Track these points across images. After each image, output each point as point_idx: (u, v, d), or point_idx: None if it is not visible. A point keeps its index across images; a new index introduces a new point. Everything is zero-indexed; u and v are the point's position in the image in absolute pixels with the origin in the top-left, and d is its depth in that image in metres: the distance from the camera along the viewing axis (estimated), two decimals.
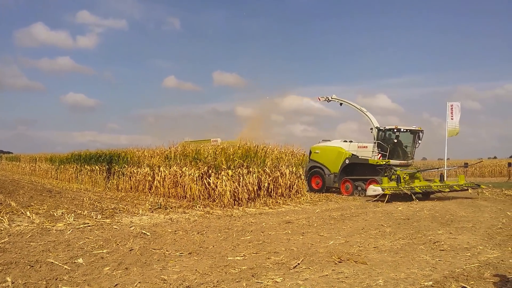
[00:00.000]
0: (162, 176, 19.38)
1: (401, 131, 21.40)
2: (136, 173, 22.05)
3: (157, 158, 20.96)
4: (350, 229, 10.80)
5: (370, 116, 23.26)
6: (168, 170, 19.13)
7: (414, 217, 13.04)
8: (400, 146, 21.65)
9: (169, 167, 19.16)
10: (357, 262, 7.12)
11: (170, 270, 6.63)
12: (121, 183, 23.25)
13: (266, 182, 17.52)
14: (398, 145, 21.51)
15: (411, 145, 21.83)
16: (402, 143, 21.69)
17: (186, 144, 21.72)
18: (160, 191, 19.24)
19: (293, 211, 14.76)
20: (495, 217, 12.78)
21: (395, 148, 21.40)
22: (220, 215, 13.47)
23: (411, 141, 21.79)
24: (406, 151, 21.82)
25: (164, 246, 8.51)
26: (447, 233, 10.10)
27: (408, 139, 21.81)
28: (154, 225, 11.15)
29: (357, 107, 24.22)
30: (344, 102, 25.09)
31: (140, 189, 21.20)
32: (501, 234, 9.92)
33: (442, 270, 6.66)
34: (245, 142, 18.92)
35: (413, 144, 21.81)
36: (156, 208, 14.58)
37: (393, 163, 20.65)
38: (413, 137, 21.68)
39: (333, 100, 25.48)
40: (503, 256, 7.68)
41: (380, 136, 21.67)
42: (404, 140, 21.71)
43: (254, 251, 8.09)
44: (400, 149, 21.67)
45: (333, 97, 25.43)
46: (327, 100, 25.71)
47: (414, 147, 21.89)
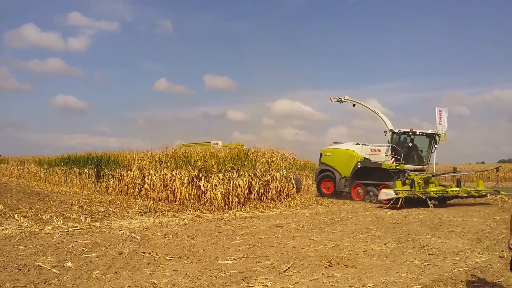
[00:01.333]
0: (152, 180, 19.31)
1: (417, 135, 20.16)
2: (126, 176, 21.92)
3: (147, 161, 20.87)
4: (340, 233, 10.85)
5: (384, 118, 22.01)
6: (158, 173, 19.06)
7: (403, 221, 13.13)
8: (415, 150, 20.69)
9: (160, 170, 19.10)
10: (347, 266, 7.15)
11: (160, 274, 6.60)
12: (111, 186, 23.10)
13: (256, 185, 17.52)
14: (413, 149, 20.51)
15: (427, 150, 20.74)
16: (417, 147, 20.73)
17: (183, 147, 21.62)
18: (150, 194, 19.15)
19: (284, 215, 14.78)
20: (483, 222, 12.92)
21: (409, 152, 20.33)
22: (211, 218, 13.45)
23: (427, 145, 20.69)
24: (421, 155, 20.86)
25: (154, 249, 8.47)
26: (436, 237, 10.19)
27: (424, 143, 20.73)
28: (144, 229, 11.10)
29: (371, 108, 23.12)
30: (357, 103, 23.98)
31: (130, 192, 21.08)
32: (489, 239, 10.03)
33: (431, 274, 6.72)
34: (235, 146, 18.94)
35: (429, 149, 20.73)
36: (146, 212, 14.51)
37: (407, 167, 19.67)
38: (429, 141, 20.59)
39: (346, 101, 24.33)
40: (491, 260, 7.77)
41: (394, 140, 20.57)
42: (419, 144, 20.70)
43: (244, 255, 8.09)
44: (415, 154, 20.69)
45: (346, 98, 24.26)
46: (340, 101, 24.53)
47: (430, 152, 20.82)
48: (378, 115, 22.35)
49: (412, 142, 20.06)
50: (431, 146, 20.58)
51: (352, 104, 24.05)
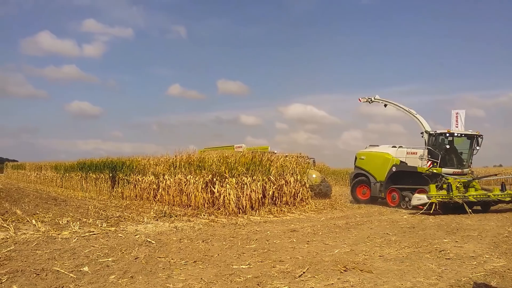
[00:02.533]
0: (167, 184, 19.44)
1: (455, 136, 19.24)
2: (141, 181, 22.12)
3: (162, 166, 21.00)
4: (355, 237, 10.77)
5: (420, 119, 20.76)
6: (172, 178, 19.19)
7: (419, 225, 12.99)
8: (454, 152, 19.72)
9: (174, 175, 19.22)
10: (363, 271, 7.09)
11: (175, 279, 6.63)
12: (126, 191, 23.31)
13: (270, 190, 17.51)
14: (452, 151, 19.57)
15: (467, 152, 19.61)
16: (456, 149, 19.77)
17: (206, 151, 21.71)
18: (165, 199, 19.28)
19: (298, 219, 14.73)
20: (501, 226, 12.71)
21: (448, 155, 19.37)
22: (225, 223, 13.47)
23: (467, 147, 19.56)
24: (461, 158, 19.77)
25: (169, 254, 8.51)
26: (453, 242, 10.05)
27: (464, 144, 19.65)
28: (159, 233, 11.17)
29: (405, 108, 21.82)
30: (389, 103, 22.78)
31: (145, 197, 21.24)
32: (507, 243, 9.86)
33: (448, 279, 6.62)
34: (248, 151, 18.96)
35: (470, 151, 19.50)
36: (161, 216, 14.59)
37: (445, 171, 18.42)
38: (470, 143, 19.41)
39: (376, 101, 23.30)
40: (510, 265, 7.63)
41: (430, 141, 19.37)
42: (459, 146, 19.77)
43: (259, 259, 8.08)
44: (454, 156, 19.72)
45: (376, 97, 23.24)
46: (370, 101, 23.50)
47: (471, 154, 19.53)
48: (414, 115, 21.11)
49: (450, 144, 19.20)
50: (472, 148, 19.40)
51: (384, 104, 22.96)
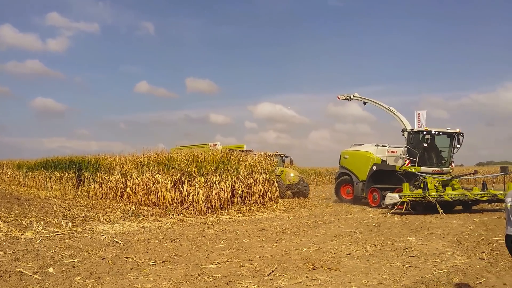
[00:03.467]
0: (134, 183, 19.14)
1: (433, 134, 18.71)
2: (107, 180, 21.70)
3: (129, 165, 20.65)
4: (323, 236, 10.93)
5: (400, 117, 20.34)
6: (140, 177, 18.90)
7: (385, 223, 13.29)
8: (434, 151, 19.20)
9: (142, 174, 18.94)
10: (330, 269, 7.21)
11: (144, 279, 6.56)
12: (92, 191, 22.84)
13: (239, 189, 17.53)
14: (431, 150, 19.04)
15: (447, 150, 19.13)
16: (437, 148, 19.26)
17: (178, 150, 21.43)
18: (132, 198, 18.98)
19: (267, 218, 14.81)
20: (462, 224, 13.14)
21: (427, 153, 18.84)
22: (194, 222, 13.40)
23: (447, 145, 19.09)
24: (441, 156, 19.28)
25: (137, 254, 8.41)
26: (417, 239, 10.34)
27: (444, 143, 19.14)
28: (127, 233, 11.01)
29: (385, 106, 21.35)
30: (368, 101, 22.38)
31: (112, 196, 20.85)
32: (469, 240, 10.22)
33: (412, 276, 6.81)
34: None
35: (450, 149, 19.01)
36: (128, 216, 14.39)
37: (424, 170, 18.05)
38: (450, 141, 18.96)
39: (355, 99, 22.95)
40: (471, 262, 7.92)
41: (409, 140, 18.83)
42: (439, 144, 19.24)
43: (228, 259, 8.09)
44: (434, 155, 19.18)
45: (355, 95, 22.92)
46: (348, 99, 23.20)
47: (452, 152, 19.05)
48: (394, 113, 20.76)
49: (428, 142, 18.70)
50: (452, 147, 18.93)
51: (363, 102, 22.74)
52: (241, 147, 24.38)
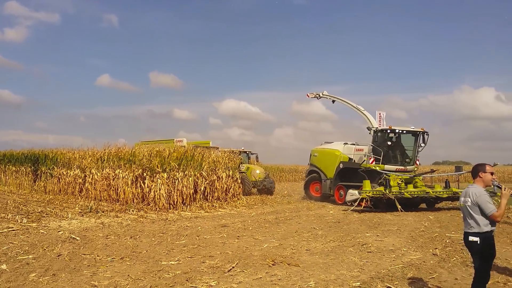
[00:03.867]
0: (94, 179, 18.69)
1: (397, 132, 18.75)
2: (65, 175, 21.09)
3: (89, 160, 20.17)
4: (284, 232, 11.04)
5: (368, 115, 20.41)
6: (100, 172, 18.48)
7: (344, 220, 13.57)
8: (399, 149, 19.28)
9: (102, 169, 18.52)
10: (290, 265, 7.30)
11: (101, 276, 6.44)
12: (49, 185, 22.13)
13: (202, 185, 17.43)
14: (396, 148, 19.13)
15: (412, 149, 19.19)
16: (402, 146, 19.36)
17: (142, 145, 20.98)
18: (92, 194, 18.54)
19: (229, 215, 14.81)
20: (418, 221, 13.58)
21: (392, 152, 18.94)
22: (155, 219, 13.24)
23: (412, 144, 19.16)
24: (406, 155, 19.35)
25: (95, 251, 8.24)
26: (375, 236, 10.62)
27: (409, 141, 19.27)
28: (85, 230, 10.76)
29: (353, 105, 21.39)
30: (337, 99, 22.40)
31: (70, 191, 20.30)
32: (424, 237, 10.58)
33: (369, 271, 7.00)
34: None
35: (415, 148, 19.06)
36: (86, 212, 14.05)
37: (388, 168, 18.11)
38: (414, 140, 19.05)
39: (324, 97, 22.93)
40: (425, 257, 8.21)
41: (374, 138, 18.95)
42: (404, 142, 19.38)
43: (189, 255, 8.05)
44: (399, 153, 19.23)
45: (324, 93, 22.88)
46: (317, 96, 23.21)
47: (417, 151, 19.08)
48: (361, 111, 20.85)
49: (391, 141, 18.71)
50: (416, 145, 18.99)
51: (332, 100, 22.75)
52: (207, 144, 24.21)
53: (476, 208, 4.72)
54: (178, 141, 24.20)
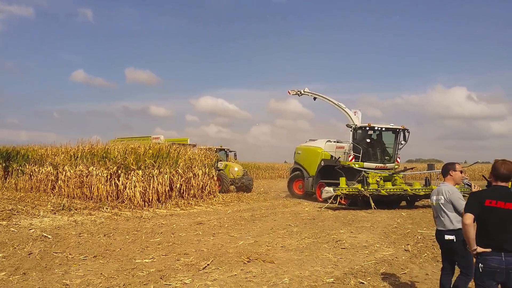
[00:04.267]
0: (66, 176, 18.31)
1: (376, 130, 18.64)
2: (37, 172, 20.62)
3: (62, 157, 19.78)
4: (259, 229, 11.08)
5: (349, 113, 20.27)
6: (73, 169, 18.14)
7: (319, 217, 13.70)
8: (379, 146, 19.20)
9: (75, 166, 18.18)
10: (265, 261, 7.34)
11: (73, 275, 6.33)
12: (20, 183, 21.59)
13: (178, 183, 17.31)
14: (377, 145, 19.06)
15: (392, 146, 19.11)
16: (382, 144, 19.26)
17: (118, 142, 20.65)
18: (64, 191, 18.16)
19: (205, 212, 14.77)
20: (391, 217, 13.83)
21: (372, 149, 18.88)
22: (129, 217, 13.09)
23: (392, 141, 19.09)
24: (386, 152, 19.26)
25: (67, 249, 8.11)
26: (349, 232, 10.76)
27: (390, 139, 19.20)
28: (57, 228, 10.56)
29: (334, 102, 21.19)
30: (318, 96, 22.25)
31: (42, 189, 19.84)
32: (396, 233, 10.78)
33: (343, 267, 7.10)
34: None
35: (395, 145, 18.98)
36: (59, 210, 13.78)
37: (368, 165, 18.15)
38: (394, 137, 18.98)
39: (306, 94, 22.80)
40: (397, 253, 8.37)
41: (353, 136, 18.88)
42: (385, 140, 19.35)
43: (163, 253, 8.00)
44: (379, 150, 19.15)
45: (306, 90, 22.77)
46: (298, 94, 23.01)
47: (397, 148, 19.00)
48: (343, 109, 20.69)
49: (370, 138, 18.53)
50: (397, 143, 18.91)
51: (313, 97, 22.63)
52: (185, 141, 24.03)
53: (449, 206, 4.82)
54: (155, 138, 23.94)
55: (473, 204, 3.93)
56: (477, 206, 3.88)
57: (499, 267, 3.77)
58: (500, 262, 3.77)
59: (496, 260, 3.77)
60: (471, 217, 3.85)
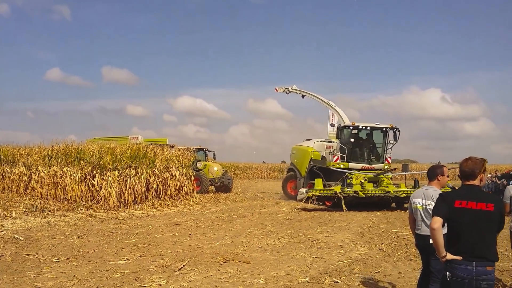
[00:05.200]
0: (40, 176, 17.96)
1: (360, 129, 18.05)
2: (9, 173, 20.17)
3: (35, 157, 19.40)
4: (236, 229, 11.08)
5: (338, 111, 19.78)
6: (47, 170, 17.79)
7: (296, 217, 13.78)
8: (367, 146, 18.55)
9: (49, 166, 17.84)
10: (241, 262, 7.35)
11: (45, 277, 6.22)
12: None
13: (155, 183, 17.17)
14: (363, 145, 18.49)
15: (381, 146, 18.40)
16: (370, 143, 18.59)
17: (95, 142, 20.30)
18: (38, 192, 17.79)
19: (182, 213, 14.70)
20: (366, 217, 14.00)
21: (358, 149, 18.31)
22: (104, 218, 12.92)
23: (381, 141, 18.37)
24: (375, 152, 18.55)
25: (40, 251, 7.95)
26: (324, 232, 10.86)
27: (378, 138, 18.47)
28: (29, 229, 10.34)
29: (324, 100, 20.77)
30: (307, 94, 21.78)
31: (14, 190, 19.41)
32: (371, 232, 10.93)
33: (318, 267, 7.16)
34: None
35: (384, 145, 18.28)
36: (32, 211, 13.50)
37: (353, 166, 17.53)
38: (382, 136, 18.26)
39: (294, 92, 22.32)
40: (372, 252, 8.50)
41: (338, 135, 18.27)
42: (374, 139, 18.63)
43: (138, 254, 7.92)
44: (366, 150, 18.49)
45: (294, 88, 22.34)
46: (286, 91, 22.60)
47: (386, 148, 18.29)
48: (332, 107, 20.29)
49: (355, 138, 17.94)
50: (385, 142, 18.20)
51: (301, 95, 22.17)
52: (164, 141, 23.84)
53: None
54: (132, 138, 23.66)
55: (441, 206, 3.65)
56: (445, 208, 3.60)
57: (468, 278, 3.46)
58: (470, 272, 3.46)
59: (466, 270, 3.47)
60: (439, 220, 3.55)
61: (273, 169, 61.10)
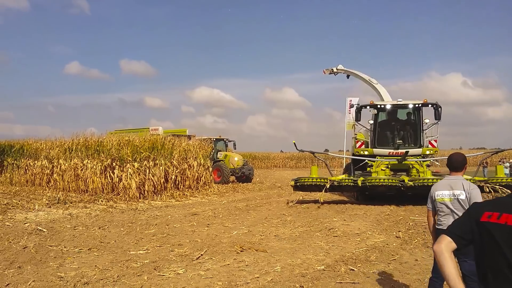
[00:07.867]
0: (61, 169, 18.38)
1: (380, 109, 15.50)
2: (32, 166, 20.67)
3: (57, 150, 19.83)
4: (253, 219, 11.18)
5: (380, 90, 18.23)
6: (68, 162, 18.18)
7: (313, 206, 13.79)
8: (391, 129, 15.75)
9: (70, 159, 18.22)
10: (258, 251, 7.43)
11: (68, 267, 6.41)
12: (15, 177, 21.63)
13: (173, 174, 17.39)
14: (387, 128, 15.81)
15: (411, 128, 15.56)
16: (398, 125, 15.77)
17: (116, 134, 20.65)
18: (60, 185, 18.23)
19: (200, 203, 14.87)
20: (384, 205, 13.90)
21: (377, 132, 15.62)
22: (124, 209, 13.17)
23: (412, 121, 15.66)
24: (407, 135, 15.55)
25: (62, 242, 8.17)
26: (341, 220, 10.87)
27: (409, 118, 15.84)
28: (52, 221, 10.62)
29: (366, 78, 19.47)
30: (352, 73, 20.97)
31: (37, 183, 19.92)
32: (388, 220, 10.89)
33: (334, 255, 7.20)
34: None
35: (418, 126, 15.38)
36: (54, 203, 13.84)
37: (377, 152, 15.27)
38: (416, 115, 15.51)
39: (340, 72, 21.71)
40: (388, 240, 8.49)
41: (356, 117, 15.68)
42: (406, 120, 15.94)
43: (157, 244, 8.08)
44: (391, 134, 15.69)
45: (339, 68, 21.68)
46: (333, 72, 21.96)
47: (421, 130, 15.31)
48: (374, 85, 18.85)
49: (375, 119, 15.53)
50: (421, 122, 15.32)
51: (347, 75, 21.57)
52: (184, 132, 24.02)
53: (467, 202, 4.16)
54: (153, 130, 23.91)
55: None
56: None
57: None
58: None
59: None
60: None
61: (291, 158, 61.06)
